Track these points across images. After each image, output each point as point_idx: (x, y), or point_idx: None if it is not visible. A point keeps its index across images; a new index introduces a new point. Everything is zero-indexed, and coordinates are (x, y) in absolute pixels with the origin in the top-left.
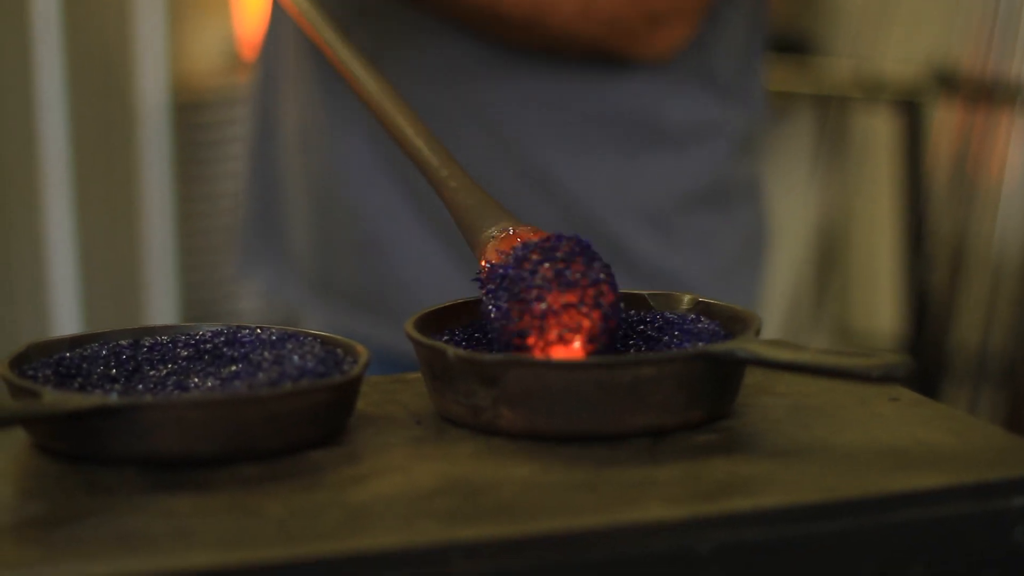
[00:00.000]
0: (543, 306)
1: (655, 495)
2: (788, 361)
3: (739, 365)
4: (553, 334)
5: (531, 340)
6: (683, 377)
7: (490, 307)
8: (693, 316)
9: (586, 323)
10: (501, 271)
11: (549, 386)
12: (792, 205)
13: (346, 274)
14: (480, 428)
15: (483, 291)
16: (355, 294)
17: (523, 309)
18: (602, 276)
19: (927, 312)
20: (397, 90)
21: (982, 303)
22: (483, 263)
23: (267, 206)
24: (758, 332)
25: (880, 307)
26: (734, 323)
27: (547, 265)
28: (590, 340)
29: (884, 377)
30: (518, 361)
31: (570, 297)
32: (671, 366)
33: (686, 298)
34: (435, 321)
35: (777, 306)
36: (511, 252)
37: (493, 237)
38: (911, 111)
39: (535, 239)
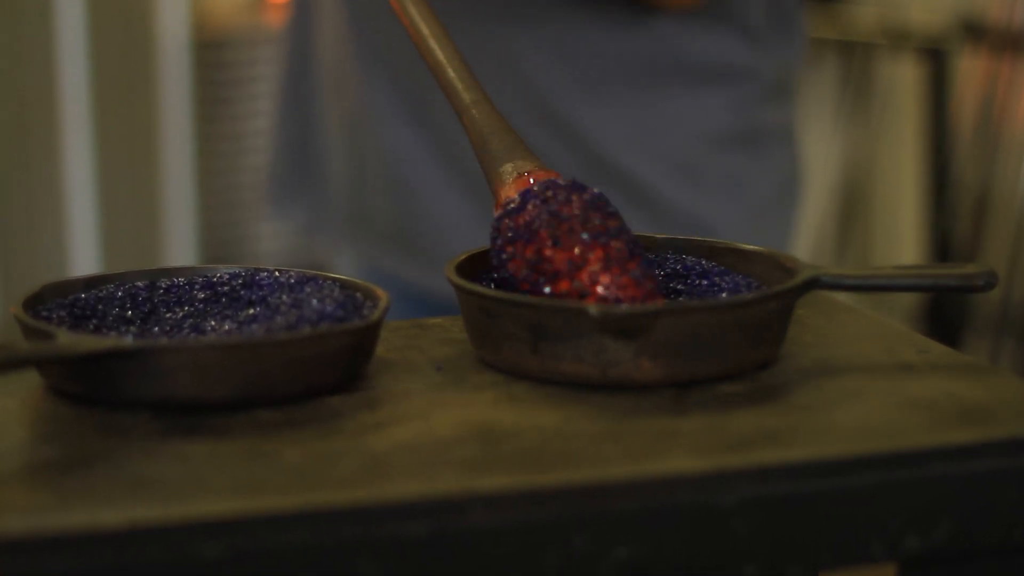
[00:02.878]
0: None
1: (680, 446)
2: (876, 282)
3: (823, 290)
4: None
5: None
6: (786, 310)
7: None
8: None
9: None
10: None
11: (695, 330)
12: (816, 152)
13: (378, 212)
14: (607, 385)
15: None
16: (387, 231)
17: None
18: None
19: (949, 262)
20: (435, 16)
21: (1005, 254)
22: (500, 200)
23: (301, 143)
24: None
25: (902, 255)
26: (753, 264)
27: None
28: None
29: (988, 285)
30: (670, 308)
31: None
32: (783, 299)
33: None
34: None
35: (799, 253)
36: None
37: (508, 175)
38: (936, 59)
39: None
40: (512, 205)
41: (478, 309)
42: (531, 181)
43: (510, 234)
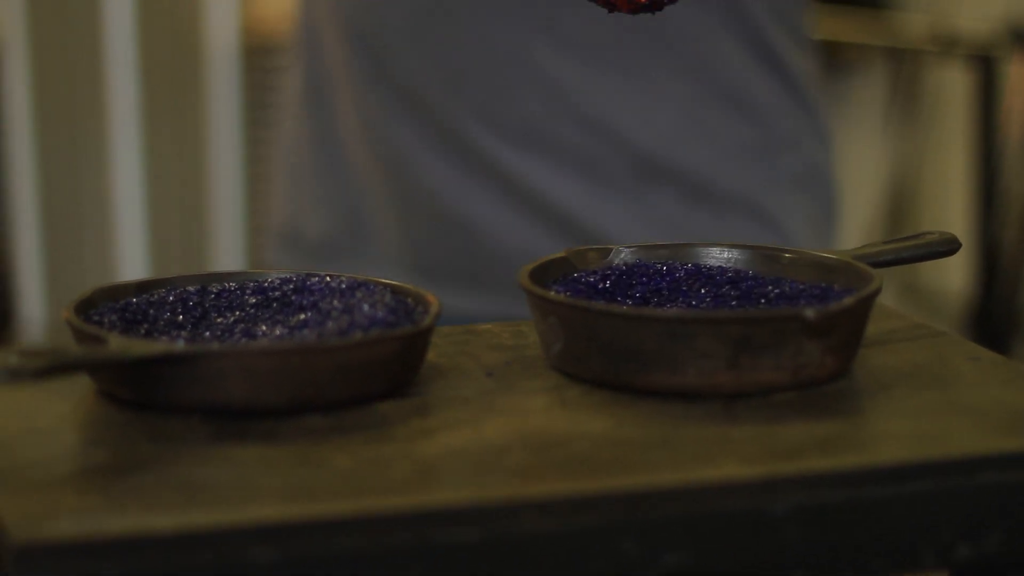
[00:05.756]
0: None
1: (731, 453)
2: (884, 259)
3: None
4: None
5: None
6: None
7: None
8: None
9: None
10: None
11: (854, 319)
12: (863, 159)
13: (435, 253)
14: (792, 387)
15: None
16: (445, 269)
17: None
18: None
19: (997, 270)
20: None
21: None
22: None
23: (343, 205)
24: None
25: (950, 264)
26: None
27: None
28: None
29: (950, 250)
30: (856, 300)
31: None
32: None
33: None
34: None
35: None
36: None
37: None
38: (985, 67)
39: None
40: None
41: (663, 334)
42: None
43: None
